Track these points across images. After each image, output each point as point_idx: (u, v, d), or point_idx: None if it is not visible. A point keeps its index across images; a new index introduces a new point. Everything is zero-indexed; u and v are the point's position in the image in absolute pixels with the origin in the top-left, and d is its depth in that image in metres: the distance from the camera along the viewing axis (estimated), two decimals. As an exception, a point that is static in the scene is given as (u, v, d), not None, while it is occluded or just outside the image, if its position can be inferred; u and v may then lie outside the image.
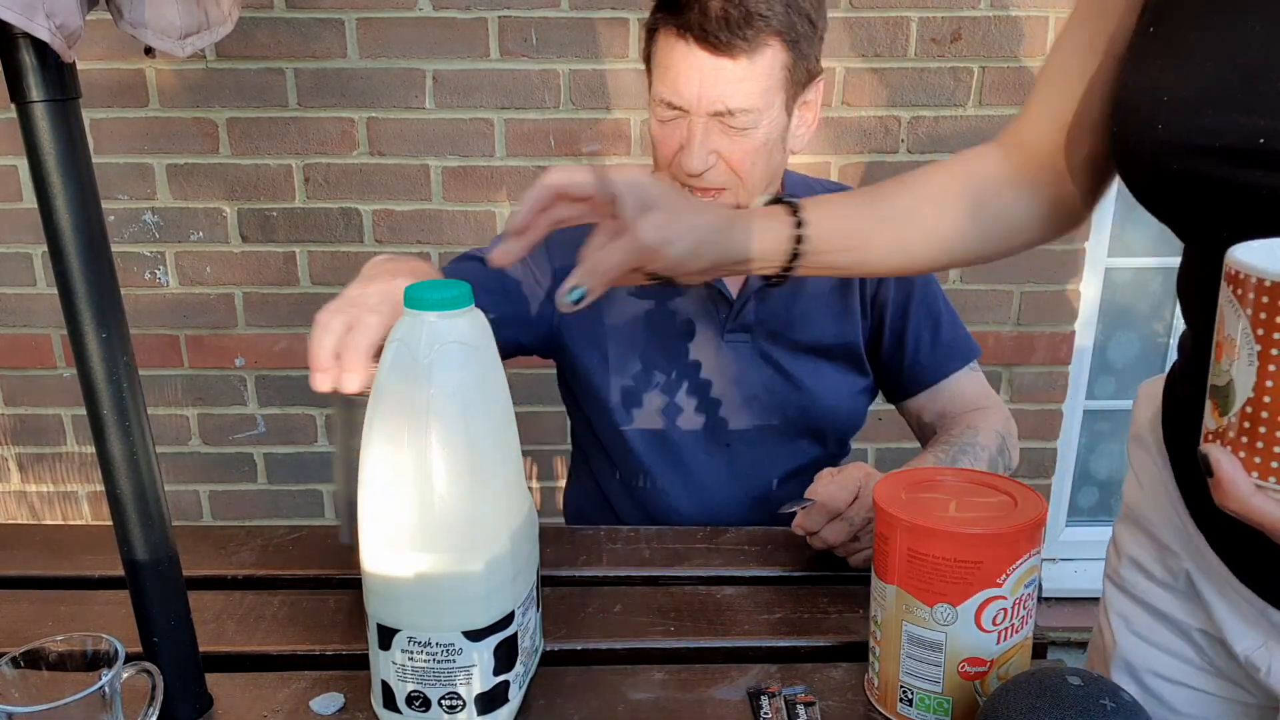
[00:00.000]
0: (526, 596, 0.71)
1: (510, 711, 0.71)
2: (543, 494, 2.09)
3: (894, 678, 0.72)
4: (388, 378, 0.65)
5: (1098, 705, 0.59)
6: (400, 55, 1.80)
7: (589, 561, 0.98)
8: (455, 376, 0.64)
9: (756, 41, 0.97)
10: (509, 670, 0.70)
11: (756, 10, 0.96)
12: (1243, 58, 0.56)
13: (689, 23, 0.97)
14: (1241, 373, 0.45)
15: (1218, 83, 0.57)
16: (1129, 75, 0.65)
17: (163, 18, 0.64)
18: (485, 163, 1.87)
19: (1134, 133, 0.63)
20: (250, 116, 1.84)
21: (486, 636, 0.67)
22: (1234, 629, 0.71)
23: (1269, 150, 0.54)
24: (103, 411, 0.65)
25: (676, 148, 1.03)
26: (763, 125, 1.01)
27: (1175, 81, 0.59)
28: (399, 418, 0.64)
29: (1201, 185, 0.58)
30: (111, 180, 1.86)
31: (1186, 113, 0.58)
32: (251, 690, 0.77)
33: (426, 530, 0.65)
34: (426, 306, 0.64)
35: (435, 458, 0.64)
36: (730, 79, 0.98)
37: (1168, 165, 0.60)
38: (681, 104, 1.01)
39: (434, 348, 0.63)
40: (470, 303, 0.66)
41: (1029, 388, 2.04)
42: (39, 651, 0.64)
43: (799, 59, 1.01)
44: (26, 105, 0.59)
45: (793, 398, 1.14)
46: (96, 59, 1.78)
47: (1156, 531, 0.78)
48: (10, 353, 1.97)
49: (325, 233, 1.90)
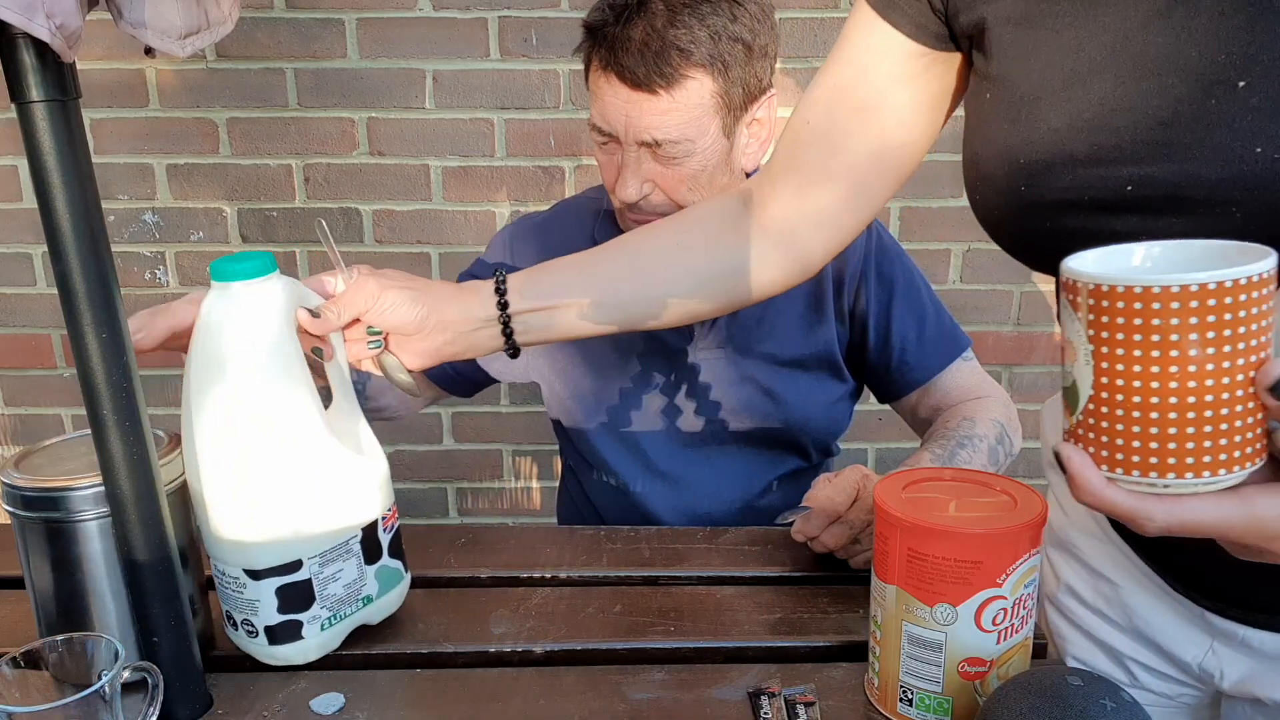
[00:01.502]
0: (333, 549, 0.77)
1: (305, 649, 0.78)
2: (542, 494, 2.10)
3: (894, 678, 0.72)
4: (195, 338, 0.73)
5: (1098, 705, 0.59)
6: (400, 55, 1.80)
7: (589, 561, 0.98)
8: (239, 339, 0.72)
9: (676, 76, 0.95)
10: (301, 611, 0.76)
11: (675, 44, 0.94)
12: (1085, 113, 0.56)
13: (609, 58, 0.97)
14: (1082, 373, 0.47)
15: (1068, 140, 0.57)
16: (978, 145, 0.65)
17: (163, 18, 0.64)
18: (485, 163, 1.87)
19: (996, 198, 0.63)
20: (250, 116, 1.84)
21: (267, 577, 0.74)
22: (1177, 640, 0.72)
23: (1138, 196, 0.55)
24: (103, 411, 0.65)
25: (615, 174, 1.03)
26: (697, 153, 0.99)
27: (1024, 146, 0.60)
28: (202, 371, 0.72)
29: (1074, 237, 0.58)
30: (111, 180, 1.86)
31: (1044, 173, 0.59)
32: (251, 690, 0.77)
33: (217, 474, 0.72)
34: (225, 277, 0.72)
35: (216, 413, 0.72)
36: (654, 111, 0.97)
37: (1040, 224, 0.61)
38: (611, 132, 1.00)
39: (229, 312, 0.72)
40: (265, 273, 0.73)
41: (1029, 388, 2.04)
42: (39, 651, 0.64)
43: (732, 84, 0.98)
44: (26, 105, 0.59)
45: (769, 410, 1.13)
46: (96, 59, 1.78)
47: (1086, 557, 0.79)
48: (10, 353, 1.97)
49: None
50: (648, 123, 0.97)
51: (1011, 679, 0.65)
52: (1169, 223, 0.54)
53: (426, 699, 0.76)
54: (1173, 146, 0.53)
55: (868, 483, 0.93)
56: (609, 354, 1.15)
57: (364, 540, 0.80)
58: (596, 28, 0.99)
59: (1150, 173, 0.54)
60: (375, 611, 0.83)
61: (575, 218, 1.19)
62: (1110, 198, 0.56)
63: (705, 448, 1.15)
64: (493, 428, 2.04)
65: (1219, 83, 0.52)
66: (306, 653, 0.78)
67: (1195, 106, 0.52)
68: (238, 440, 0.72)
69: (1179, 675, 0.76)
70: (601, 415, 1.16)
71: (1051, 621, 0.85)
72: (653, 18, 0.95)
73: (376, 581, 0.82)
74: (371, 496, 0.80)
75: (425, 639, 0.84)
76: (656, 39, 0.94)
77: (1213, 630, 0.69)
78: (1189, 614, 0.70)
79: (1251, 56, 0.51)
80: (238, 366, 0.72)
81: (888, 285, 1.12)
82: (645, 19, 0.95)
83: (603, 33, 0.97)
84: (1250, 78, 0.51)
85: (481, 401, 2.01)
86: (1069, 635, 0.82)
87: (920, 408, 1.16)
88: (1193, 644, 0.71)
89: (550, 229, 1.18)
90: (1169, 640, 0.73)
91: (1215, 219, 0.52)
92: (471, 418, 2.03)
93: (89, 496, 0.71)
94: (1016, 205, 0.62)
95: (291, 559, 0.75)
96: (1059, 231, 0.59)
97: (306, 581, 0.76)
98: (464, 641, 0.84)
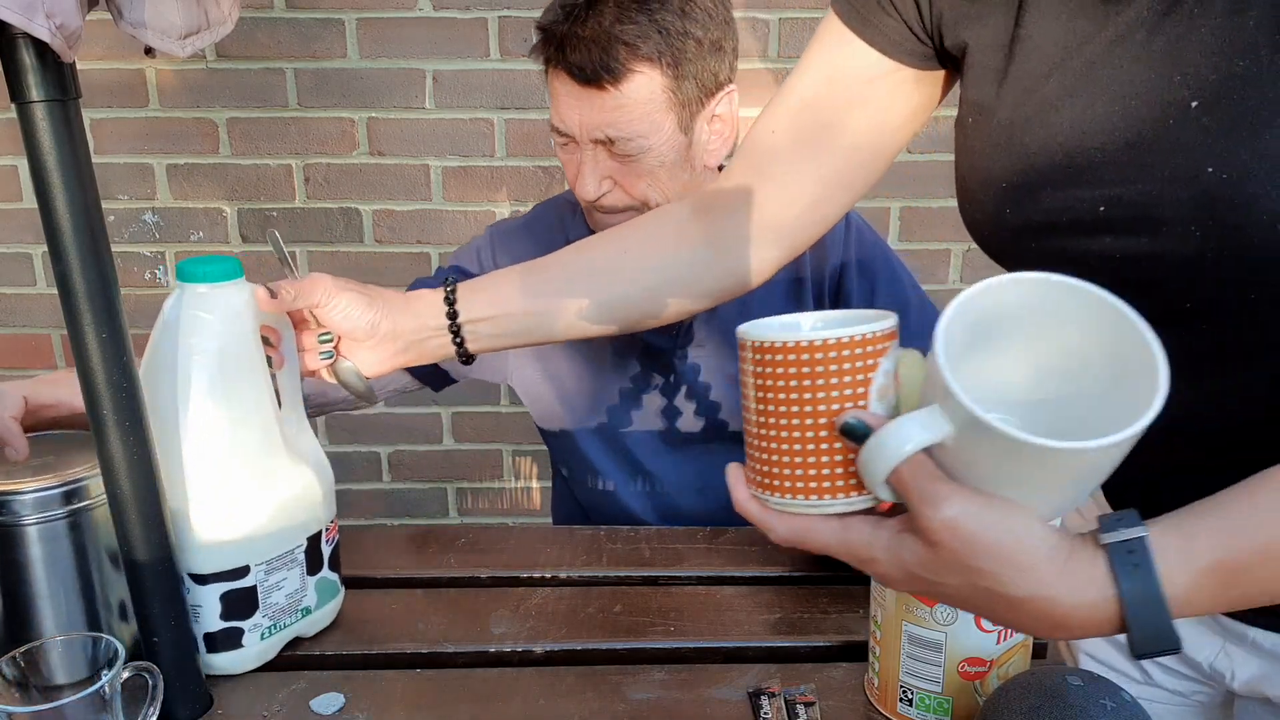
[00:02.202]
0: (279, 557, 0.78)
1: (244, 658, 0.78)
2: (542, 494, 2.09)
3: (894, 678, 0.72)
4: (157, 336, 0.73)
5: (1098, 705, 0.59)
6: (400, 55, 1.80)
7: (589, 562, 0.98)
8: (202, 341, 0.72)
9: (622, 71, 0.96)
10: (243, 619, 0.77)
11: (621, 38, 0.95)
12: (1059, 138, 0.58)
13: (558, 57, 0.97)
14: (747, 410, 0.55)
15: (1043, 164, 0.59)
16: (965, 169, 0.66)
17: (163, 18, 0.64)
18: (485, 163, 1.87)
19: (984, 219, 0.65)
20: (250, 116, 1.84)
21: (213, 582, 0.75)
22: (1191, 640, 0.72)
23: (1110, 217, 0.56)
24: (103, 411, 0.65)
25: (576, 172, 1.04)
26: (652, 149, 1.00)
27: (1004, 171, 0.61)
28: (157, 372, 0.72)
29: (1060, 257, 0.59)
30: (111, 180, 1.86)
31: (1025, 196, 0.60)
32: (251, 690, 0.77)
33: (168, 476, 0.72)
34: (192, 279, 0.73)
35: (168, 411, 0.72)
36: (604, 108, 0.97)
37: (1026, 244, 0.62)
38: (567, 131, 1.01)
39: (187, 314, 0.72)
40: (232, 277, 0.74)
41: (1029, 388, 2.03)
42: (39, 651, 0.64)
43: (684, 78, 0.99)
44: (26, 105, 0.59)
45: None
46: (96, 59, 1.78)
47: None
48: (10, 353, 1.97)
49: (325, 233, 1.90)
50: (599, 119, 0.98)
51: (1011, 679, 0.65)
52: (1139, 243, 0.55)
53: (426, 699, 0.76)
54: (1139, 168, 0.54)
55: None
56: (594, 358, 1.14)
57: (308, 550, 0.81)
58: (548, 28, 0.99)
59: (1119, 194, 0.55)
60: (311, 624, 0.84)
61: (551, 218, 1.20)
62: (1086, 219, 0.57)
63: (694, 447, 1.15)
64: (493, 428, 2.04)
65: (1174, 104, 0.53)
66: (245, 662, 0.78)
67: (1156, 127, 0.53)
68: (194, 441, 0.73)
69: (1191, 673, 0.76)
70: (588, 420, 1.16)
71: None
72: (601, 16, 0.96)
73: (315, 593, 0.83)
74: (318, 507, 0.81)
75: (425, 639, 0.84)
76: (604, 35, 0.95)
77: (1224, 631, 0.69)
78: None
79: (1202, 76, 0.52)
80: (200, 367, 0.72)
81: (869, 277, 1.12)
82: (595, 17, 0.96)
83: (554, 32, 0.98)
84: (1201, 97, 0.52)
85: (481, 401, 2.01)
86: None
87: None
88: (1205, 644, 0.71)
89: (525, 233, 1.19)
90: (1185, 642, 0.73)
91: (1178, 239, 0.53)
92: (471, 418, 2.03)
93: (30, 501, 0.70)
94: (1003, 228, 0.63)
95: (239, 564, 0.76)
96: (1044, 252, 0.60)
97: (252, 589, 0.77)
98: (464, 641, 0.84)
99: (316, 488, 0.81)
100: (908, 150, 1.89)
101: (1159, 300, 0.55)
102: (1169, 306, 0.56)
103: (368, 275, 1.92)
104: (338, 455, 2.03)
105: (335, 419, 2.00)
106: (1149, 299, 0.54)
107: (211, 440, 0.73)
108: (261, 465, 0.77)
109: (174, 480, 0.73)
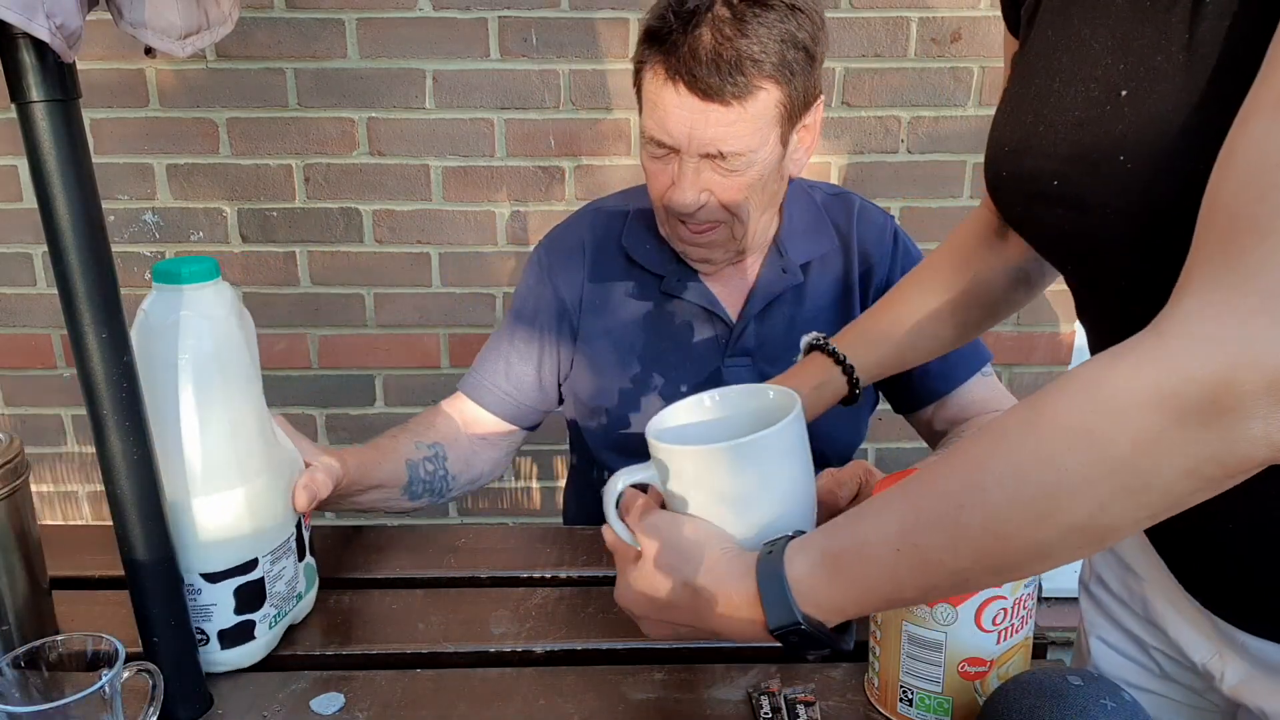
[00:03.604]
0: (279, 546, 0.80)
1: (256, 649, 0.79)
2: (542, 494, 2.09)
3: (894, 678, 0.72)
4: (141, 341, 0.72)
5: (1098, 705, 0.59)
6: (400, 55, 1.80)
7: (589, 562, 0.98)
8: (192, 342, 0.72)
9: (750, 87, 0.92)
10: (254, 611, 0.78)
11: (749, 55, 0.91)
12: (1045, 109, 0.61)
13: (677, 66, 0.93)
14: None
15: (1031, 133, 0.62)
16: (991, 128, 0.70)
17: (163, 18, 0.64)
18: (485, 163, 1.87)
19: (992, 181, 0.69)
20: (250, 116, 1.83)
21: (226, 579, 0.76)
22: (1188, 639, 0.73)
23: (1061, 193, 0.59)
24: (103, 411, 0.65)
25: (668, 183, 1.00)
26: (757, 164, 0.98)
27: (1007, 134, 0.65)
28: (150, 373, 0.71)
29: (1034, 224, 0.65)
30: (111, 180, 1.86)
31: (1015, 160, 0.64)
32: (251, 690, 0.77)
33: (167, 479, 0.72)
34: (173, 280, 0.73)
35: (169, 413, 0.72)
36: (721, 123, 0.94)
37: (1012, 207, 0.66)
38: (671, 144, 0.97)
39: (169, 315, 0.72)
40: (211, 278, 0.74)
41: (1029, 388, 2.03)
42: (39, 651, 0.64)
43: (795, 93, 0.96)
44: (26, 105, 0.59)
45: None
46: (96, 59, 1.78)
47: (1119, 549, 0.80)
48: (10, 353, 1.97)
49: (325, 233, 1.90)
50: (714, 134, 0.95)
51: (1011, 679, 0.65)
52: (1082, 220, 0.58)
53: (426, 699, 0.76)
54: (1080, 147, 0.57)
55: (871, 478, 0.93)
56: (635, 364, 1.13)
57: (297, 537, 0.83)
58: (661, 34, 0.94)
59: (1065, 171, 0.58)
60: (301, 609, 0.86)
61: (602, 225, 1.17)
62: (1045, 190, 0.60)
63: None
64: (493, 428, 2.04)
65: (1112, 89, 0.54)
66: (254, 654, 0.79)
67: (1096, 110, 0.55)
68: (196, 440, 0.73)
69: (1180, 675, 0.76)
70: (627, 424, 1.15)
71: (1084, 609, 0.86)
72: (721, 25, 0.92)
73: (304, 578, 0.85)
74: (298, 493, 0.83)
75: (425, 639, 0.84)
76: (729, 48, 0.91)
77: (1219, 634, 0.69)
78: (1199, 615, 0.71)
79: (1133, 65, 0.53)
80: (199, 367, 0.72)
81: None
82: (713, 26, 0.92)
83: (670, 40, 0.93)
84: (1130, 86, 0.53)
85: (481, 401, 2.01)
86: (1099, 622, 0.83)
87: (936, 420, 1.15)
88: (1200, 645, 0.71)
89: (577, 240, 1.17)
90: (1179, 637, 0.73)
91: (1107, 220, 0.56)
92: (471, 418, 2.03)
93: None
94: (1000, 187, 0.67)
95: (248, 558, 0.77)
96: (1025, 216, 0.65)
97: (260, 580, 0.78)
98: (464, 641, 0.84)
99: (295, 474, 0.83)
100: (908, 150, 1.90)
101: (1098, 274, 0.62)
102: (1106, 282, 0.61)
103: (367, 275, 1.92)
104: (338, 455, 2.04)
105: (335, 419, 2.00)
106: (1088, 271, 0.63)
107: (214, 439, 0.74)
108: (259, 457, 0.78)
109: (176, 481, 0.73)
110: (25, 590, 0.77)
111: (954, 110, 1.86)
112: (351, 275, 1.93)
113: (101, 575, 0.93)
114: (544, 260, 1.17)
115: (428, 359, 1.98)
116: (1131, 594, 0.79)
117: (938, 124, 1.87)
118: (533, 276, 1.18)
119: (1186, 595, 0.71)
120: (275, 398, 1.98)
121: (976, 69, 1.84)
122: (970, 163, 1.89)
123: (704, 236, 1.04)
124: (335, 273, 1.92)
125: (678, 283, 1.11)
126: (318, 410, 2.00)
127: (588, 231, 1.17)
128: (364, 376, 1.98)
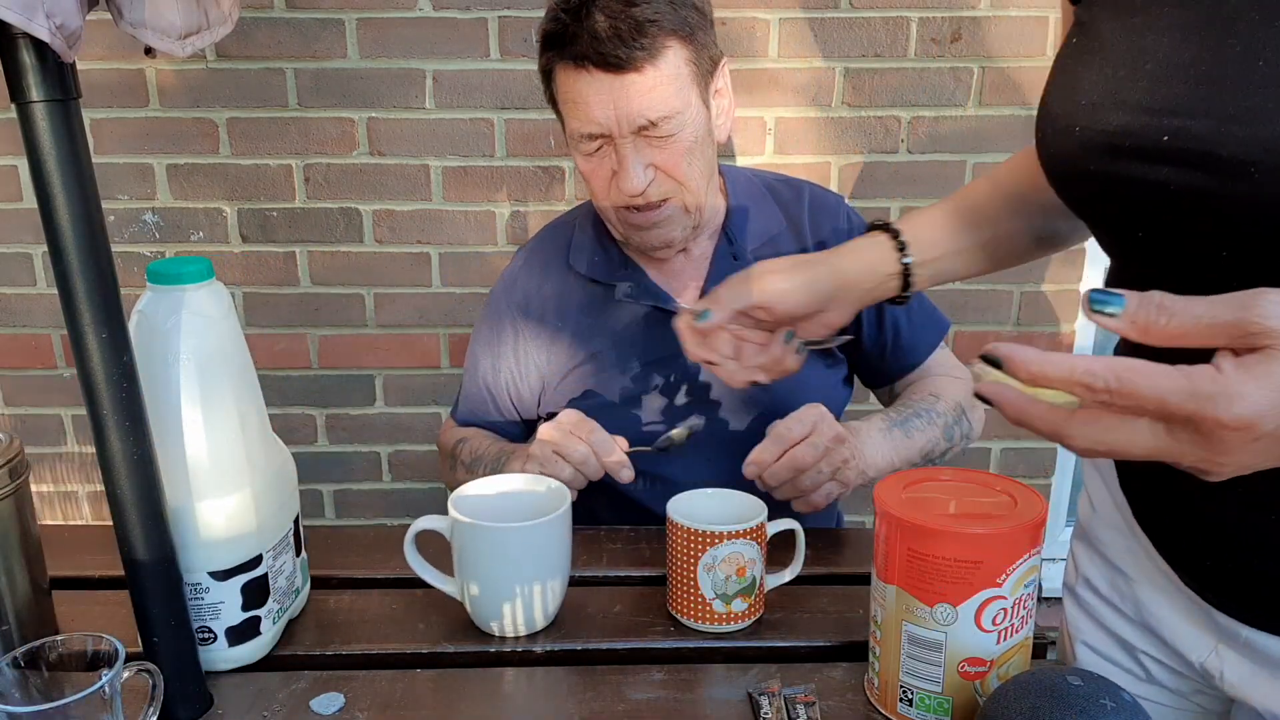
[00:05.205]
0: (279, 541, 0.81)
1: (259, 646, 0.80)
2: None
3: (894, 678, 0.72)
4: (140, 341, 0.71)
5: (1098, 705, 0.59)
6: (400, 55, 1.80)
7: (589, 561, 0.98)
8: (194, 342, 0.73)
9: (654, 47, 0.97)
10: (260, 607, 0.79)
11: (645, 17, 0.96)
12: (1148, 64, 0.59)
13: (584, 51, 0.97)
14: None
15: (1125, 86, 0.60)
16: (1052, 83, 0.68)
17: (163, 18, 0.64)
18: (485, 163, 1.87)
19: (1054, 136, 0.66)
20: (250, 116, 1.83)
21: (233, 576, 0.76)
22: (1185, 638, 0.72)
23: (1172, 148, 0.57)
24: (103, 411, 0.65)
25: (610, 175, 1.04)
26: (688, 125, 1.01)
27: (1089, 86, 0.63)
28: (149, 374, 0.71)
29: (1116, 184, 0.62)
30: (111, 180, 1.86)
31: (1099, 114, 0.62)
32: (251, 690, 0.77)
33: (170, 480, 0.72)
34: (168, 280, 0.73)
35: (171, 414, 0.72)
36: (641, 90, 0.98)
37: (1085, 166, 0.64)
38: (602, 132, 1.01)
39: (170, 316, 0.72)
40: (207, 278, 0.74)
41: (1029, 388, 2.03)
42: (39, 651, 0.64)
43: (699, 49, 1.01)
44: (26, 105, 0.59)
45: (767, 402, 1.13)
46: (96, 59, 1.78)
47: (1107, 551, 0.80)
48: (10, 353, 1.97)
49: (325, 233, 1.90)
50: (637, 105, 0.98)
51: (1011, 679, 0.65)
52: (1197, 177, 0.56)
53: (426, 699, 0.76)
54: (1212, 102, 0.55)
55: (823, 421, 0.96)
56: (608, 356, 1.15)
57: (294, 532, 0.84)
58: (558, 33, 0.99)
59: (1188, 126, 0.56)
60: (298, 604, 0.87)
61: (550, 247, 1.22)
62: (1149, 146, 0.58)
63: (705, 448, 1.15)
64: (493, 428, 2.04)
65: (1270, 47, 0.53)
66: (260, 650, 0.80)
67: (1242, 67, 0.54)
68: (199, 440, 0.73)
69: (1187, 671, 0.76)
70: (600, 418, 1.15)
71: (1067, 613, 0.86)
72: (609, 3, 0.97)
73: (300, 573, 0.86)
74: (295, 486, 0.85)
75: (425, 639, 0.84)
76: (625, 18, 0.95)
77: (1218, 630, 0.69)
78: (1197, 612, 0.70)
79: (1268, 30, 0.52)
80: (199, 367, 0.73)
81: None
82: (602, 7, 0.97)
83: (568, 34, 0.98)
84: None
85: (481, 401, 2.01)
86: (1084, 626, 0.83)
87: (899, 387, 1.21)
88: (1198, 643, 0.71)
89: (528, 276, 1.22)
90: (1175, 637, 0.73)
91: (1235, 179, 0.54)
92: (471, 418, 2.03)
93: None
94: (1070, 145, 0.64)
95: (253, 555, 0.78)
96: (1104, 175, 0.62)
97: (264, 576, 0.79)
98: (464, 641, 0.84)
99: (292, 469, 0.84)
100: (908, 150, 1.90)
101: (1202, 242, 0.58)
102: (1205, 251, 0.58)
103: (367, 275, 1.92)
104: (338, 455, 2.04)
105: (335, 419, 2.00)
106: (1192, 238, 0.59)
107: (216, 438, 0.74)
108: (259, 453, 0.78)
109: (178, 482, 0.73)
110: (25, 590, 0.77)
111: (954, 110, 1.86)
112: (351, 275, 1.93)
113: (101, 575, 0.93)
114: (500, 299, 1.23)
115: (428, 359, 1.98)
116: (1122, 596, 0.79)
117: (938, 124, 1.87)
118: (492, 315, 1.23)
119: (1184, 591, 0.71)
120: (275, 398, 1.99)
121: (976, 69, 1.84)
122: (970, 162, 1.89)
123: (658, 215, 1.06)
124: (335, 273, 1.92)
125: (631, 288, 1.14)
126: (317, 410, 2.00)
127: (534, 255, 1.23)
128: (364, 376, 1.98)
